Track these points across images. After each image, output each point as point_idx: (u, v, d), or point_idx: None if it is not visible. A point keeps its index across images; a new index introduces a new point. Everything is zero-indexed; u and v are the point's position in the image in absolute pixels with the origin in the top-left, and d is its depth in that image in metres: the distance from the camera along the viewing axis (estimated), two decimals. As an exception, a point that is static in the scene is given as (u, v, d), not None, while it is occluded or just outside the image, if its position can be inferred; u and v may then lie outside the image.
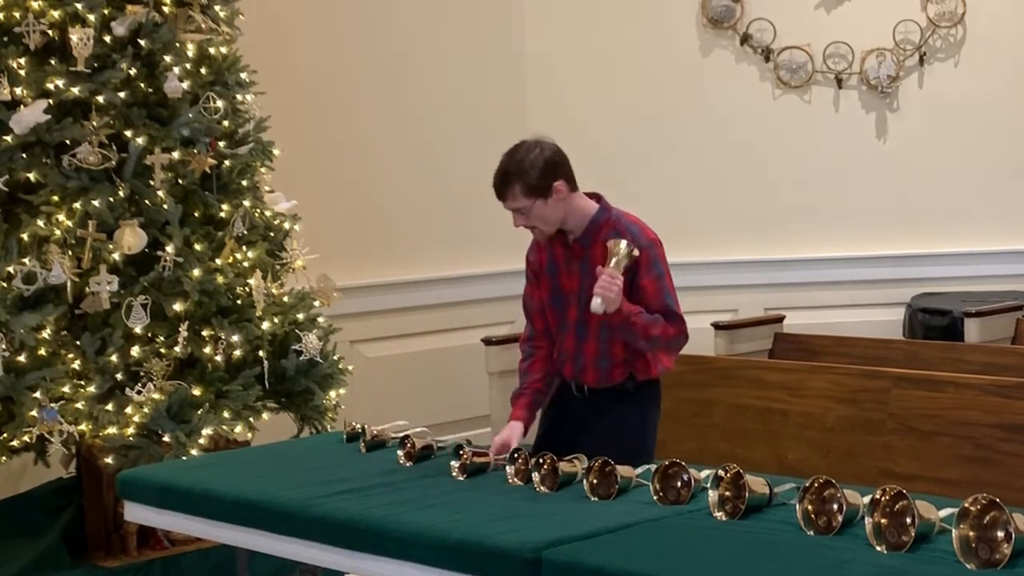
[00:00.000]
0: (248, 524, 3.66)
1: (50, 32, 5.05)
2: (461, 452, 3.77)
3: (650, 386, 4.07)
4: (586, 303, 3.85)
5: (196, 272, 5.03)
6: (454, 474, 3.71)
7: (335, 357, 5.41)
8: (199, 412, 4.93)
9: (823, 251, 7.61)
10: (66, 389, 4.90)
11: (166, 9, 5.17)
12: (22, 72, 5.01)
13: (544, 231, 3.95)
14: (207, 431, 4.91)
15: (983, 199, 7.53)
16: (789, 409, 5.41)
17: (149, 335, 5.03)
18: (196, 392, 4.99)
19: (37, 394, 4.85)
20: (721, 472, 3.19)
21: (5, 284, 4.94)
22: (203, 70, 5.24)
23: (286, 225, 5.45)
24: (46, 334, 4.96)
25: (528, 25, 7.69)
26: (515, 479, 3.60)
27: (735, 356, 6.23)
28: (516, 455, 3.66)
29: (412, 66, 7.09)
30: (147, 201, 5.08)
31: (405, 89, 7.07)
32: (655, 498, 3.31)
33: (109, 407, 4.88)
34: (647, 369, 4.01)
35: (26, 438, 4.85)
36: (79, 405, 4.87)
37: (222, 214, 5.24)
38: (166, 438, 4.86)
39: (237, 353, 5.10)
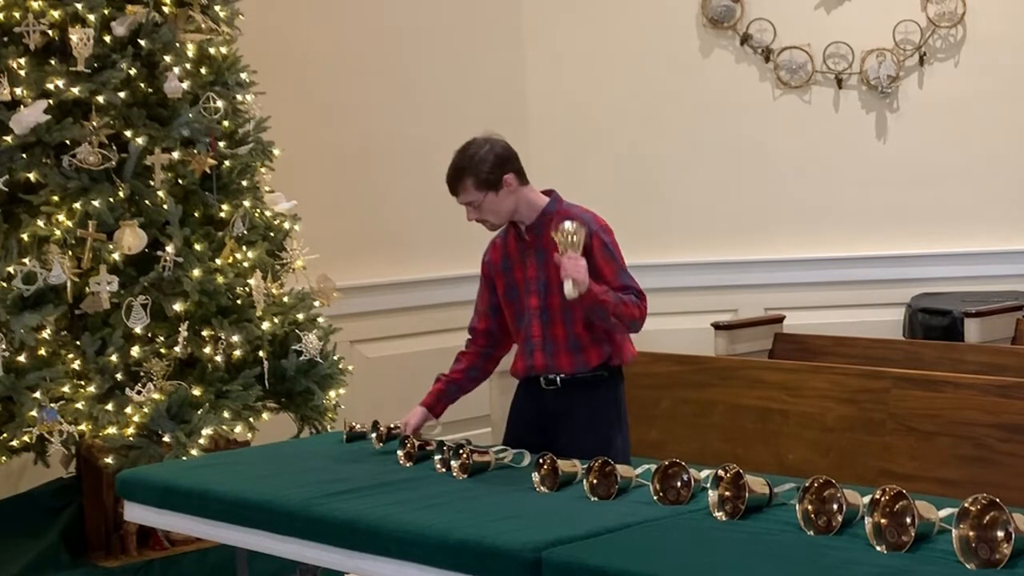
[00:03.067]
0: (248, 524, 3.66)
1: (50, 32, 5.05)
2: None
3: (620, 373, 4.18)
4: (546, 290, 4.03)
5: (196, 272, 5.03)
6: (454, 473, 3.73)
7: (335, 357, 5.41)
8: (199, 412, 4.93)
9: (823, 251, 7.61)
10: (66, 389, 4.90)
11: (166, 9, 5.17)
12: (22, 72, 5.01)
13: (495, 223, 4.13)
14: (207, 431, 4.91)
15: (983, 199, 7.53)
16: (789, 409, 5.41)
17: (149, 335, 5.03)
18: (196, 392, 4.99)
19: (37, 394, 4.85)
20: (721, 472, 3.18)
21: (5, 284, 4.95)
22: (203, 70, 5.24)
23: (286, 225, 5.46)
24: (46, 334, 4.96)
25: (528, 25, 7.69)
26: (440, 468, 3.72)
27: (735, 356, 6.23)
28: (460, 450, 3.73)
29: (412, 66, 7.09)
30: (147, 201, 5.08)
31: (405, 89, 7.07)
32: (655, 498, 3.31)
33: (109, 407, 4.88)
34: (620, 354, 4.11)
35: (26, 438, 4.85)
36: (79, 405, 4.87)
37: (222, 214, 5.24)
38: (166, 438, 4.86)
39: (237, 353, 5.10)
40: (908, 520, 2.78)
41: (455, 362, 4.31)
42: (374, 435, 4.15)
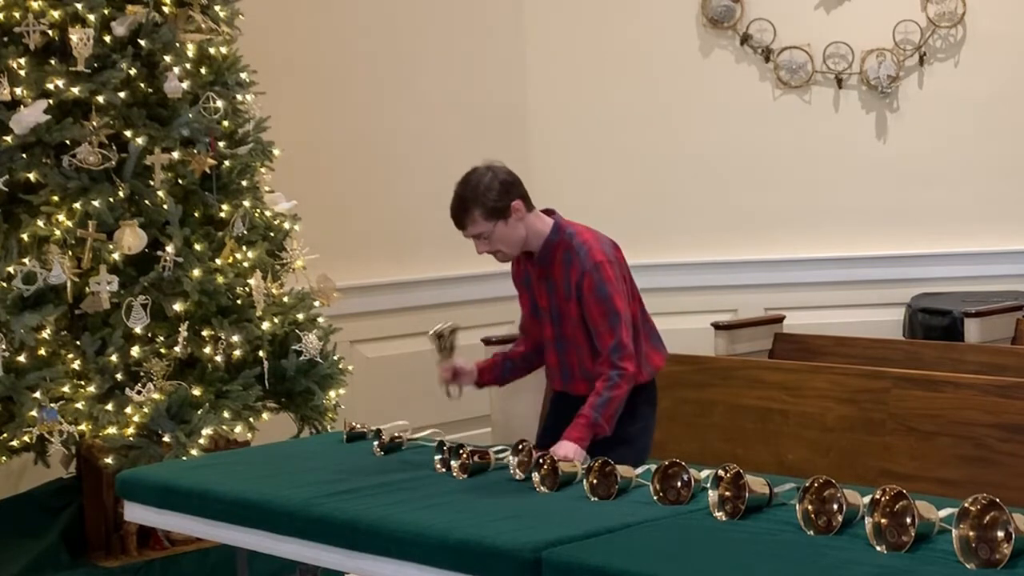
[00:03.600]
0: (248, 524, 3.66)
1: (50, 32, 5.05)
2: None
3: (642, 388, 4.12)
4: (558, 320, 4.03)
5: (196, 272, 5.03)
6: (454, 474, 3.72)
7: (335, 357, 5.41)
8: (199, 412, 4.93)
9: (823, 251, 7.61)
10: (66, 389, 4.90)
11: (166, 9, 5.17)
12: (22, 72, 5.01)
13: (508, 254, 4.02)
14: (207, 431, 4.91)
15: (983, 199, 7.53)
16: (789, 409, 5.41)
17: (149, 335, 5.03)
18: (196, 392, 4.99)
19: (37, 394, 4.85)
20: (721, 472, 3.18)
21: (5, 284, 4.94)
22: (203, 70, 5.24)
23: (286, 225, 5.46)
24: (46, 334, 4.96)
25: (528, 25, 7.69)
26: (440, 468, 3.72)
27: (735, 356, 6.23)
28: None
29: (412, 65, 7.10)
30: (147, 201, 5.08)
31: (405, 88, 7.07)
32: (655, 498, 3.31)
33: (109, 407, 4.88)
34: (641, 372, 4.09)
35: (26, 438, 4.85)
36: (79, 405, 4.87)
37: (222, 214, 5.24)
38: (166, 438, 4.86)
39: (237, 353, 5.10)
40: (908, 520, 2.78)
41: (514, 345, 4.28)
42: (376, 443, 4.07)
